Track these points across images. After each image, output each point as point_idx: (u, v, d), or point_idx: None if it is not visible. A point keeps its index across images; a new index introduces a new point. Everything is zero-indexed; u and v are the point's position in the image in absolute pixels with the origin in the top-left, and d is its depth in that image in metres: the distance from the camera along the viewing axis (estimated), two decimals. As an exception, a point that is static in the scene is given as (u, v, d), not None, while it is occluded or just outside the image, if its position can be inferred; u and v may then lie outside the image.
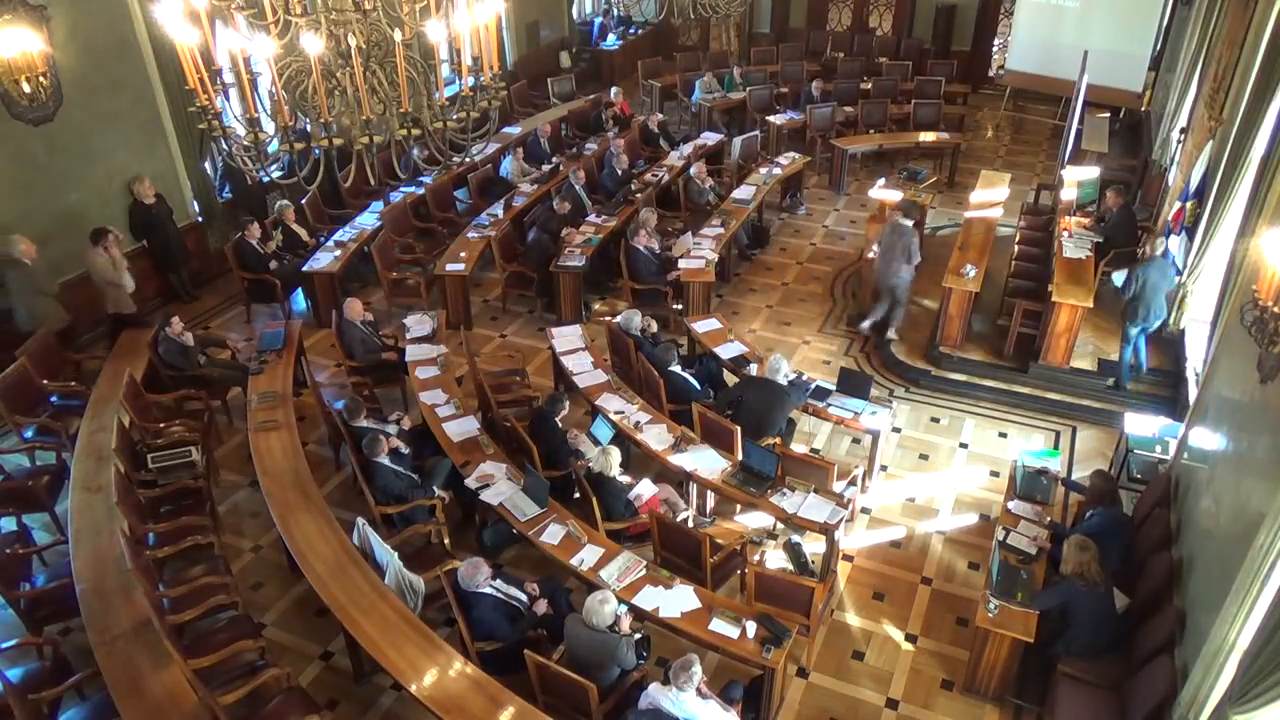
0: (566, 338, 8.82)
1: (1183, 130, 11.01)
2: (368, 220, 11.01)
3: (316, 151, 4.02)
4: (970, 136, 15.48)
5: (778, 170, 12.59)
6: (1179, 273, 8.47)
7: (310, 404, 8.55)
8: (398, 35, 3.80)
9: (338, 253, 10.23)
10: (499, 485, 6.87)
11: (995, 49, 17.96)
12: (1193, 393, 7.55)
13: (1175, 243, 8.59)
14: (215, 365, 8.73)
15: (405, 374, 8.47)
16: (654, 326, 8.87)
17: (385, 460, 6.87)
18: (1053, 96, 16.30)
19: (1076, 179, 11.39)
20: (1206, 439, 6.26)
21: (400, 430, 7.53)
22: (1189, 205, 8.51)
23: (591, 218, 11.19)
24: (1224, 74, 8.93)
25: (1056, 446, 8.39)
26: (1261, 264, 4.76)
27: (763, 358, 8.15)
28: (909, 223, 9.41)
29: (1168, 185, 10.99)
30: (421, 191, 11.70)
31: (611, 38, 18.81)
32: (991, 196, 11.28)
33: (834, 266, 11.61)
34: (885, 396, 9.01)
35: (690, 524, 6.91)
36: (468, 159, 4.60)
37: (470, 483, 6.94)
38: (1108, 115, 14.45)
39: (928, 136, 13.99)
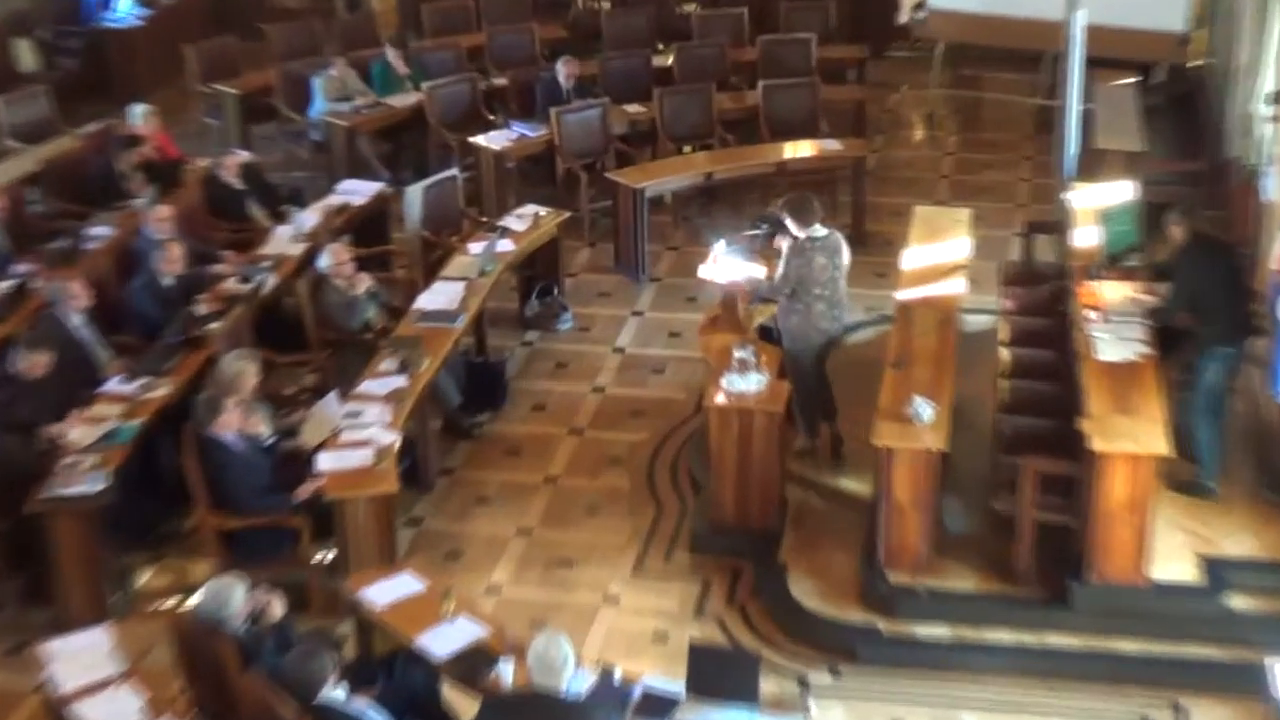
0: (80, 658, 7.93)
1: (1276, 95, 11.56)
2: None
3: None
4: (883, 143, 16.04)
5: (506, 245, 12.09)
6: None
7: None
8: None
9: None
10: None
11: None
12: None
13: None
14: None
15: None
16: (277, 610, 8.02)
17: None
18: (1025, 55, 17.36)
19: (1096, 207, 11.37)
20: None
21: None
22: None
23: (113, 384, 10.17)
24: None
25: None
26: None
27: (524, 645, 7.36)
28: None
29: (1264, 200, 11.31)
30: None
31: (125, 4, 19.16)
32: (940, 256, 11.15)
33: (650, 429, 11.24)
34: (794, 691, 8.52)
35: None
36: None
37: None
38: (1133, 81, 15.23)
39: (800, 150, 13.91)
